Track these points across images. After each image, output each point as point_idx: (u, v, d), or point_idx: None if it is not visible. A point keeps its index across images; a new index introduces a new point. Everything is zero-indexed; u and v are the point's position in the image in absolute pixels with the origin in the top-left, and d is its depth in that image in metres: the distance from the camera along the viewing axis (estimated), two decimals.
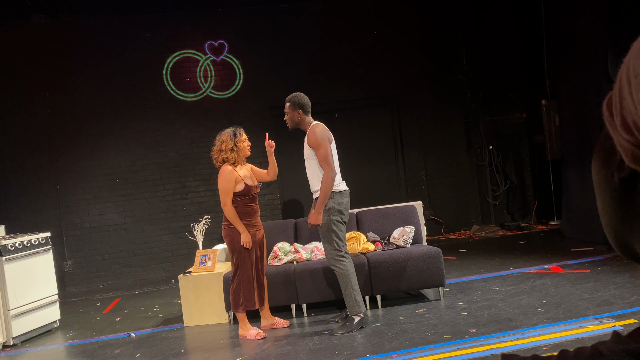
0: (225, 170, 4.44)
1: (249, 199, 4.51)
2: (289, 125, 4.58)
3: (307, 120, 4.53)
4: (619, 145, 0.46)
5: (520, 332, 3.92)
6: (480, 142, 8.67)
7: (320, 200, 4.30)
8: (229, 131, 4.54)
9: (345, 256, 4.40)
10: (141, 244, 7.78)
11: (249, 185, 4.49)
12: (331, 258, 4.40)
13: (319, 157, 4.35)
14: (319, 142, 4.33)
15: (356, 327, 4.38)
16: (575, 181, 7.08)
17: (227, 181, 4.41)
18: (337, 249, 4.37)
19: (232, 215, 4.41)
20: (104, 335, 5.10)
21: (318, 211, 4.30)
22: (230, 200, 4.42)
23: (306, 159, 4.46)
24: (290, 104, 4.53)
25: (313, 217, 4.32)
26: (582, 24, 6.63)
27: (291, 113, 4.52)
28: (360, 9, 8.34)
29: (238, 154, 4.49)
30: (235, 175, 4.44)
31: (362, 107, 8.41)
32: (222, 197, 4.43)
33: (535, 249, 6.81)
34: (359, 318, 4.40)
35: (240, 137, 4.53)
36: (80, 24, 7.68)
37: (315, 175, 4.41)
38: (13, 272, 5.04)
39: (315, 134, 4.35)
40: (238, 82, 8.04)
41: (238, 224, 4.42)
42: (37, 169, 7.53)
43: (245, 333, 4.52)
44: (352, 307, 4.42)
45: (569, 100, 7.18)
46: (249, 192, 4.48)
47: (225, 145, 4.48)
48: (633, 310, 4.08)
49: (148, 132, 7.83)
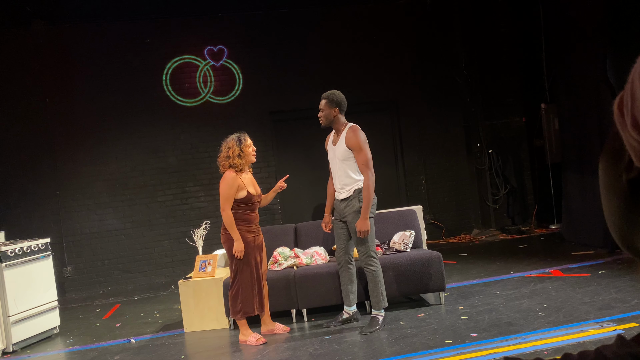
0: (229, 176, 4.42)
1: (249, 207, 4.48)
2: (322, 122, 4.56)
3: (342, 120, 4.55)
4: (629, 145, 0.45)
5: (521, 337, 3.91)
6: (480, 146, 8.68)
7: (364, 206, 4.35)
8: (234, 137, 4.52)
9: (375, 257, 4.50)
10: (141, 249, 7.77)
11: (251, 194, 4.46)
12: (365, 259, 4.47)
13: (360, 160, 4.37)
14: (361, 145, 4.36)
15: (382, 325, 4.46)
16: (575, 184, 7.08)
17: (229, 187, 4.39)
18: (370, 250, 4.45)
19: (229, 222, 4.39)
20: (104, 341, 5.09)
21: (364, 217, 4.35)
22: (229, 206, 4.39)
23: (341, 160, 4.46)
24: (328, 101, 4.51)
25: (361, 224, 4.36)
26: (581, 28, 6.65)
27: (327, 110, 4.51)
28: (359, 14, 8.36)
29: (245, 159, 4.48)
30: (238, 182, 4.42)
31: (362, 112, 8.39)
32: (222, 202, 4.41)
33: (536, 253, 6.80)
34: (382, 317, 4.51)
35: (245, 142, 4.50)
36: (80, 31, 7.70)
37: (346, 175, 4.45)
38: (13, 278, 5.03)
39: (359, 137, 4.38)
40: (237, 87, 8.05)
41: (234, 232, 4.38)
42: (37, 174, 7.52)
43: (246, 339, 4.51)
44: (377, 303, 4.52)
45: (569, 103, 7.19)
46: (250, 200, 4.46)
47: (232, 151, 4.46)
48: (634, 314, 4.07)
49: (148, 138, 7.83)
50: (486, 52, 8.64)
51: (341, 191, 4.51)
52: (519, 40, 8.66)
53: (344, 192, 4.49)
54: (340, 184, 4.51)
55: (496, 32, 8.65)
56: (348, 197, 4.47)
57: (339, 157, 4.48)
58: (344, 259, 4.67)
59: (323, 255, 5.29)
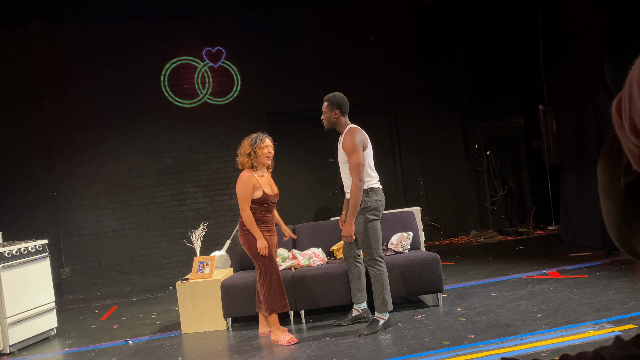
0: (244, 175, 4.42)
1: (265, 208, 4.47)
2: (325, 125, 4.57)
3: (344, 121, 4.54)
4: (627, 149, 0.44)
5: (519, 338, 3.91)
6: (478, 147, 8.69)
7: (350, 211, 4.34)
8: (254, 136, 4.53)
9: (380, 259, 4.45)
10: (139, 250, 7.76)
11: (267, 194, 4.45)
12: (368, 261, 4.47)
13: (350, 164, 4.36)
14: (353, 148, 4.34)
15: (381, 328, 4.42)
16: (573, 186, 7.09)
17: (244, 186, 4.38)
18: (373, 252, 4.42)
19: (249, 221, 4.37)
20: (101, 343, 5.07)
21: (349, 222, 4.33)
22: (247, 205, 4.37)
23: (341, 163, 4.49)
24: (328, 103, 4.51)
25: (345, 228, 4.36)
26: (579, 30, 6.66)
27: (329, 113, 4.51)
28: (358, 15, 8.36)
29: (255, 160, 4.46)
30: (253, 182, 4.41)
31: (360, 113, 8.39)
32: (240, 203, 4.39)
33: (534, 255, 6.80)
34: (384, 321, 4.46)
35: (260, 143, 4.48)
36: (78, 31, 7.69)
37: (348, 177, 4.46)
38: (10, 279, 5.01)
39: (352, 140, 4.36)
40: (236, 88, 8.04)
41: (255, 230, 4.37)
42: (35, 176, 7.51)
43: (277, 338, 4.46)
44: (379, 306, 4.47)
45: (566, 105, 7.20)
46: (266, 201, 4.44)
47: (244, 150, 4.48)
48: (632, 315, 4.08)
49: (146, 139, 7.82)
50: (484, 53, 8.65)
51: (347, 191, 4.54)
52: (517, 42, 8.67)
53: (348, 193, 4.51)
54: (345, 185, 4.56)
55: (494, 33, 8.66)
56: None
57: (339, 159, 4.52)
58: (350, 257, 4.68)
59: (321, 256, 5.28)
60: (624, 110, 0.44)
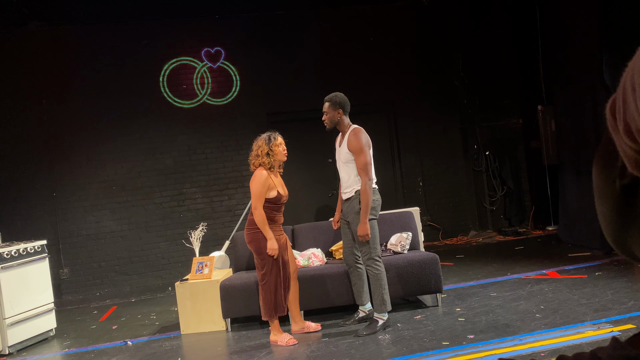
0: (261, 174, 4.40)
1: (276, 208, 4.47)
2: (327, 125, 4.58)
3: (346, 121, 4.55)
4: (622, 152, 0.44)
5: (518, 338, 3.92)
6: (477, 147, 8.69)
7: (363, 210, 4.33)
8: (265, 136, 4.54)
9: (378, 259, 4.46)
10: (138, 251, 7.75)
11: (281, 194, 4.46)
12: (366, 261, 4.47)
13: (359, 164, 4.36)
14: (360, 148, 4.35)
15: (380, 329, 4.42)
16: (572, 186, 7.09)
17: (261, 185, 4.36)
18: (371, 252, 4.42)
19: (261, 220, 4.34)
20: (100, 344, 5.07)
21: (364, 221, 4.33)
22: (261, 204, 4.36)
23: (344, 162, 4.48)
24: (331, 103, 4.52)
25: (360, 228, 4.35)
26: (577, 30, 6.67)
27: (331, 113, 4.52)
28: (356, 15, 8.37)
29: (274, 158, 4.47)
30: (270, 181, 4.41)
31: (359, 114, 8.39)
32: (253, 201, 4.37)
33: (533, 255, 6.80)
34: (383, 321, 4.46)
35: (275, 141, 4.50)
36: (78, 32, 7.69)
37: (348, 176, 4.46)
38: (9, 280, 5.01)
39: (360, 140, 4.37)
40: (235, 88, 8.04)
41: (266, 231, 4.34)
42: (34, 176, 7.50)
43: (277, 339, 4.46)
44: (378, 306, 4.48)
45: (565, 105, 7.21)
46: (279, 201, 4.45)
47: (262, 150, 4.47)
48: (630, 315, 4.08)
49: (145, 139, 7.81)
50: (483, 53, 8.65)
51: (345, 191, 4.54)
52: (515, 42, 8.67)
53: (347, 193, 4.51)
54: (344, 185, 4.55)
55: (493, 34, 8.67)
56: (350, 198, 4.49)
57: (342, 159, 4.51)
58: (351, 259, 4.67)
59: (320, 257, 5.28)
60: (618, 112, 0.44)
